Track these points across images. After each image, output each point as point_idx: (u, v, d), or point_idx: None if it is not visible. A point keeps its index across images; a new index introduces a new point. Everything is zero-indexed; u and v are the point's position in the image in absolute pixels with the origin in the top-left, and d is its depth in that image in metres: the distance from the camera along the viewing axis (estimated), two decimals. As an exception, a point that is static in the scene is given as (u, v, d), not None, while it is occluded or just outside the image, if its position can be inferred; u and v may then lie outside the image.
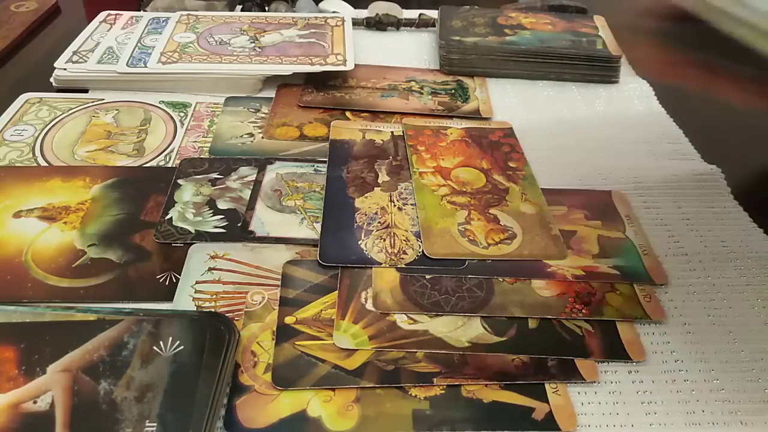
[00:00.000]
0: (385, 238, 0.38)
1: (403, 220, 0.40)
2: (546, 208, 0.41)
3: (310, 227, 0.39)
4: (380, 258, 0.37)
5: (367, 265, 0.36)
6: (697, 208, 0.43)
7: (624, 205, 0.42)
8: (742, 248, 0.39)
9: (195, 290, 0.35)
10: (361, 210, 0.40)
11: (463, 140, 0.48)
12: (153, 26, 0.60)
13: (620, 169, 0.46)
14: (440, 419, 0.29)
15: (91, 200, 0.41)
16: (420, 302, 0.34)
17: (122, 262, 0.37)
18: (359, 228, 0.39)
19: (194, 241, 0.38)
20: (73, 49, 0.56)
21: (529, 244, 0.38)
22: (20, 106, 0.50)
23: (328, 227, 0.39)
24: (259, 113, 0.51)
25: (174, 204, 0.40)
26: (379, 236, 0.38)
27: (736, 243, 0.40)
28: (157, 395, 0.28)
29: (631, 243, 0.39)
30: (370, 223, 0.39)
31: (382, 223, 0.39)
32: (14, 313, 0.31)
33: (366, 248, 0.38)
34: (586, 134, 0.50)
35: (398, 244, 0.38)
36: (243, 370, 0.31)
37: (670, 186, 0.45)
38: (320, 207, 0.41)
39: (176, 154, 0.46)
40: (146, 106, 0.51)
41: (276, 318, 0.33)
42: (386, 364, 0.31)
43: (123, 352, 0.30)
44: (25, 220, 0.39)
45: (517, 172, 0.45)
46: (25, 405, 0.28)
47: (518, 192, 0.43)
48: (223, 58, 0.54)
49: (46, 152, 0.45)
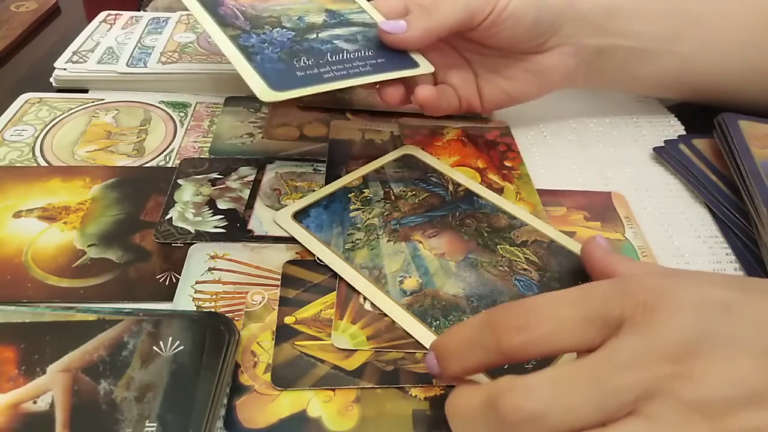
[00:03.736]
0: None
1: (402, 221, 0.40)
2: (540, 207, 0.41)
3: (309, 227, 0.39)
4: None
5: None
6: (698, 210, 0.43)
7: (624, 206, 0.42)
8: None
9: (195, 290, 0.35)
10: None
11: (459, 140, 0.48)
12: (153, 26, 0.60)
13: (621, 170, 0.46)
14: (441, 419, 0.29)
15: (91, 200, 0.41)
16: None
17: (122, 262, 0.37)
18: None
19: (194, 241, 0.38)
20: (73, 49, 0.56)
21: (529, 244, 0.38)
22: (20, 106, 0.50)
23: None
24: (259, 113, 0.51)
25: (174, 204, 0.40)
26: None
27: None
28: (157, 395, 0.28)
29: (630, 245, 0.39)
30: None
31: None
32: (14, 313, 0.31)
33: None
34: (586, 134, 0.50)
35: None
36: (243, 370, 0.31)
37: (671, 188, 0.45)
38: (320, 207, 0.41)
39: (176, 154, 0.46)
40: (146, 106, 0.51)
41: (276, 318, 0.33)
42: (386, 364, 0.31)
43: (123, 352, 0.30)
44: (25, 220, 0.39)
45: (512, 171, 0.45)
46: (25, 405, 0.28)
47: (513, 191, 0.43)
48: (223, 58, 0.54)
49: (46, 152, 0.45)
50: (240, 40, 0.38)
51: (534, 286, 0.35)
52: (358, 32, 0.42)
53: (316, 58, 0.39)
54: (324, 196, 0.40)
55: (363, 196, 0.40)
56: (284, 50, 0.39)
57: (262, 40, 0.39)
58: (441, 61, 0.44)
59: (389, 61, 0.41)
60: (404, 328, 0.32)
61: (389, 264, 0.36)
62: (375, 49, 0.41)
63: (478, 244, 0.37)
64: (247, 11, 0.40)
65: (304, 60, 0.38)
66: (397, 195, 0.41)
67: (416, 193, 0.41)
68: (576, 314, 0.23)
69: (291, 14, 0.42)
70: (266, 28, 0.40)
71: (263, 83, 0.36)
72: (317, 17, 0.42)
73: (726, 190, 0.43)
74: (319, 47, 0.40)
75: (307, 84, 0.37)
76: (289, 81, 0.37)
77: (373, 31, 0.42)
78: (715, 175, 0.44)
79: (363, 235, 0.37)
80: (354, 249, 0.36)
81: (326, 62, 0.39)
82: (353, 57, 0.40)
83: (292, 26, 0.40)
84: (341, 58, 0.39)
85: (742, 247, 0.39)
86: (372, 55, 0.40)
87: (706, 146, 0.47)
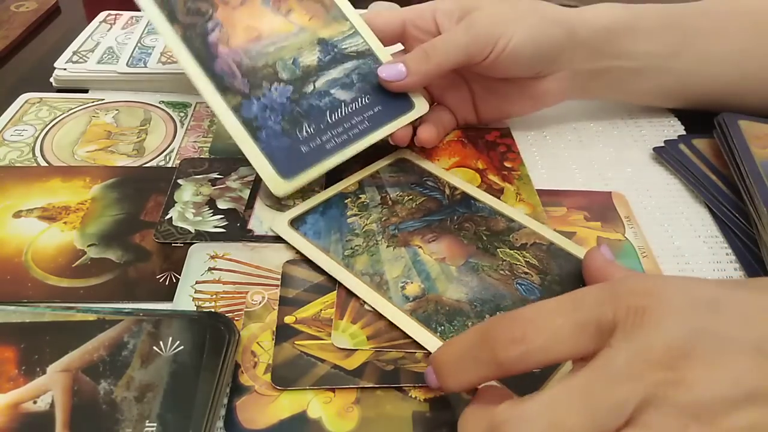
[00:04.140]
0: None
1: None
2: (540, 208, 0.41)
3: (309, 227, 0.39)
4: (380, 258, 0.37)
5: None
6: (698, 210, 0.43)
7: (624, 206, 0.42)
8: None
9: (195, 290, 0.35)
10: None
11: (459, 140, 0.48)
12: (153, 26, 0.60)
13: (621, 170, 0.46)
14: (441, 421, 0.29)
15: (91, 200, 0.41)
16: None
17: (122, 262, 0.37)
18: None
19: (194, 241, 0.38)
20: (73, 49, 0.56)
21: (529, 244, 0.38)
22: (20, 106, 0.50)
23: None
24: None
25: (174, 204, 0.40)
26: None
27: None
28: (157, 395, 0.28)
29: (630, 245, 0.39)
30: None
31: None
32: (14, 313, 0.31)
33: (366, 249, 0.38)
34: (586, 135, 0.50)
35: (398, 245, 0.38)
36: (243, 371, 0.31)
37: (671, 188, 0.45)
38: (320, 207, 0.41)
39: (176, 154, 0.46)
40: (146, 106, 0.51)
41: (276, 318, 0.33)
42: (386, 364, 0.31)
43: (123, 352, 0.30)
44: (25, 220, 0.39)
45: (512, 172, 0.45)
46: (25, 405, 0.28)
47: (513, 192, 0.43)
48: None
49: (46, 152, 0.45)
50: (242, 111, 0.39)
51: (536, 290, 0.35)
52: (353, 70, 0.43)
53: (317, 123, 0.41)
54: (320, 202, 0.40)
55: (360, 202, 0.40)
56: (285, 117, 0.40)
57: (263, 107, 0.40)
58: (439, 83, 0.46)
59: (387, 107, 0.43)
60: (409, 334, 0.32)
61: (390, 270, 0.36)
62: (372, 94, 0.43)
63: (478, 248, 0.37)
64: (242, 62, 0.40)
65: (306, 129, 0.40)
66: (394, 200, 0.41)
67: (413, 198, 0.41)
68: (569, 322, 0.23)
69: (285, 57, 0.42)
70: (264, 86, 0.40)
71: (273, 172, 0.38)
72: (311, 56, 0.43)
73: (726, 190, 0.43)
74: (318, 104, 0.41)
75: (313, 162, 0.39)
76: (295, 163, 0.39)
77: (368, 65, 0.44)
78: (715, 175, 0.44)
79: (362, 241, 0.37)
80: (353, 255, 0.36)
81: (327, 126, 0.41)
82: (352, 111, 0.42)
83: (289, 77, 0.41)
84: (340, 116, 0.41)
85: (742, 247, 0.39)
86: (369, 102, 0.43)
87: (706, 146, 0.47)
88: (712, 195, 0.43)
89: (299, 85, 0.41)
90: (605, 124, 0.51)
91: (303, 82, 0.42)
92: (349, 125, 0.41)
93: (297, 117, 0.40)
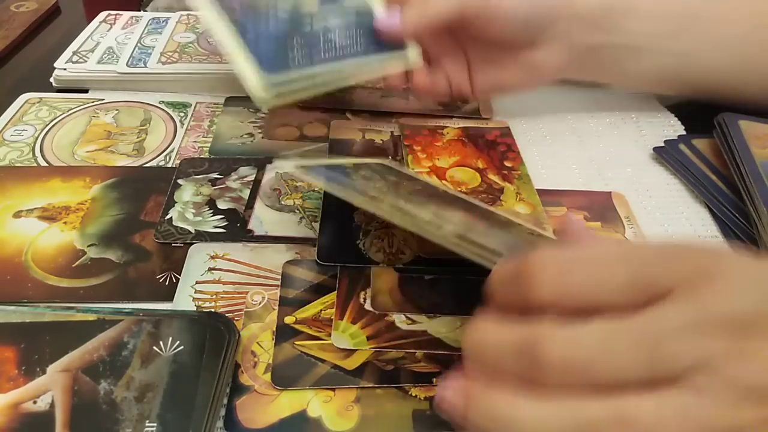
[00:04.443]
0: (383, 238, 0.38)
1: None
2: (540, 208, 0.41)
3: (308, 226, 0.39)
4: (378, 258, 0.37)
5: (365, 265, 0.36)
6: (698, 210, 0.43)
7: (624, 206, 0.42)
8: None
9: (195, 290, 0.35)
10: (360, 209, 0.40)
11: (460, 140, 0.48)
12: (153, 26, 0.60)
13: (621, 170, 0.46)
14: (441, 419, 0.29)
15: (91, 200, 0.41)
16: (418, 303, 0.34)
17: (122, 262, 0.37)
18: (357, 227, 0.39)
19: (194, 241, 0.38)
20: (73, 49, 0.56)
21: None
22: (20, 106, 0.50)
23: (326, 226, 0.39)
24: (259, 113, 0.51)
25: (174, 204, 0.40)
26: (377, 236, 0.39)
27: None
28: (157, 395, 0.28)
29: (630, 243, 0.39)
30: (369, 222, 0.39)
31: (380, 222, 0.39)
32: (14, 313, 0.31)
33: (364, 248, 0.38)
34: (586, 134, 0.50)
35: (396, 244, 0.38)
36: (243, 371, 0.31)
37: (671, 187, 0.45)
38: (319, 206, 0.41)
39: (176, 154, 0.46)
40: (146, 106, 0.51)
41: (276, 318, 0.33)
42: (386, 364, 0.31)
43: (123, 352, 0.30)
44: (25, 220, 0.39)
45: (512, 171, 0.45)
46: (25, 405, 0.28)
47: (513, 192, 0.43)
48: (223, 58, 0.54)
49: (46, 152, 0.45)
50: (235, 16, 0.36)
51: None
52: (352, 19, 0.42)
53: (309, 42, 0.39)
54: (321, 164, 0.37)
55: (360, 173, 0.37)
56: (279, 36, 0.38)
57: (255, 26, 0.37)
58: (436, 47, 0.45)
59: (381, 51, 0.42)
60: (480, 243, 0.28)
61: (420, 214, 0.31)
62: (367, 38, 0.42)
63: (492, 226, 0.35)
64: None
65: (297, 41, 0.38)
66: (393, 182, 0.37)
67: (412, 184, 0.38)
68: (625, 270, 0.22)
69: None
70: (261, 21, 0.39)
71: (256, 67, 0.35)
72: (311, 4, 0.42)
73: (726, 190, 0.43)
74: (312, 33, 0.40)
75: (300, 65, 0.37)
76: (282, 60, 0.36)
77: (366, 15, 0.42)
78: (715, 175, 0.44)
79: (383, 185, 0.34)
80: (380, 195, 0.33)
81: (319, 44, 0.39)
82: (345, 44, 0.40)
83: (287, 18, 0.39)
84: (333, 45, 0.40)
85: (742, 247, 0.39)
86: (364, 47, 0.41)
87: (706, 146, 0.47)
88: (712, 195, 0.43)
89: (295, 25, 0.40)
90: (605, 124, 0.51)
91: (299, 24, 0.40)
92: (341, 47, 0.40)
93: (290, 36, 0.38)
